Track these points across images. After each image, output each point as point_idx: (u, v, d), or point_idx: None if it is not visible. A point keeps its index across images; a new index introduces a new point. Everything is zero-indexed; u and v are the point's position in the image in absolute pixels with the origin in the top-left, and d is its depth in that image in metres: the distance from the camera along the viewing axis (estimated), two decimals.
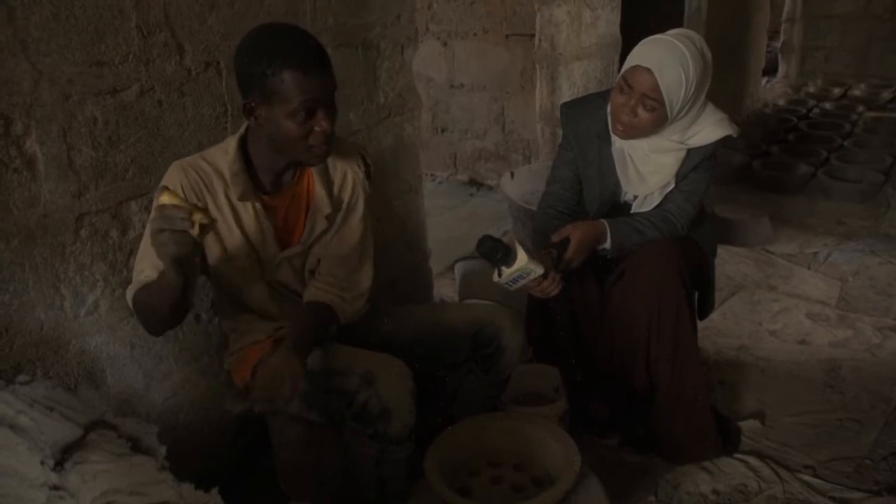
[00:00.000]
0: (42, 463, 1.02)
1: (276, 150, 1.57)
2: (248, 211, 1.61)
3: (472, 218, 4.21)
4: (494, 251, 1.74)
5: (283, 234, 1.68)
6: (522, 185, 3.47)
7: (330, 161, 1.67)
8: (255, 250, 1.64)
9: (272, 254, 1.66)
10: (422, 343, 1.81)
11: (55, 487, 1.01)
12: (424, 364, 1.76)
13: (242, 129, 1.62)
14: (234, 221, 1.60)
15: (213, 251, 1.60)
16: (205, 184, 1.56)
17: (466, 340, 1.83)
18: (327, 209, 1.68)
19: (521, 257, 1.75)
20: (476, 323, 1.82)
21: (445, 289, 3.17)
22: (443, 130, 4.91)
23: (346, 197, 1.73)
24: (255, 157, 1.61)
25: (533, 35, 3.87)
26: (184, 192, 1.52)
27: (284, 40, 1.48)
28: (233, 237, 1.61)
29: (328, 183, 1.69)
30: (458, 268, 3.05)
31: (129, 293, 1.51)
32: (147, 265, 1.48)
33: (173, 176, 1.54)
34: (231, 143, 1.60)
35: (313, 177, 1.67)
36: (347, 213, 1.74)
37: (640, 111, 1.87)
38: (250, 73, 1.47)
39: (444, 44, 4.68)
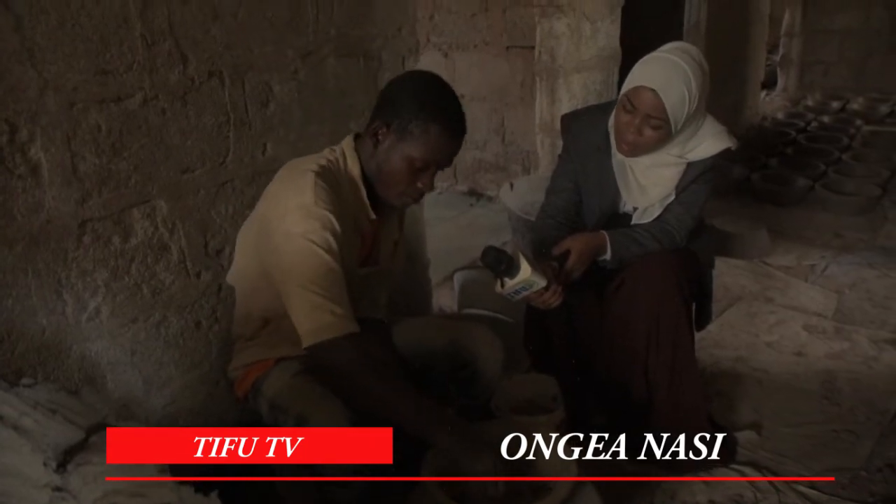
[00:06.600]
0: (45, 464, 1.03)
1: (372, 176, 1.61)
2: (362, 223, 1.63)
3: (472, 228, 4.22)
4: (498, 262, 1.74)
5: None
6: (522, 195, 3.48)
7: None
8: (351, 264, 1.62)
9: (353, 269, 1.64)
10: (403, 361, 1.81)
11: (57, 489, 1.02)
12: (411, 379, 1.76)
13: (352, 142, 1.63)
14: (356, 230, 1.61)
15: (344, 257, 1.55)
16: (337, 192, 1.54)
17: (444, 363, 1.82)
18: (396, 235, 1.75)
19: (525, 269, 1.75)
20: (452, 345, 1.81)
21: (444, 299, 3.18)
22: None
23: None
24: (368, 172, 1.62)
25: (533, 47, 3.89)
26: (329, 202, 1.49)
27: (448, 98, 1.58)
28: (349, 246, 1.59)
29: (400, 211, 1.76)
30: (458, 278, 3.06)
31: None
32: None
33: (319, 186, 1.49)
34: (348, 154, 1.60)
35: None
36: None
37: (646, 130, 1.88)
38: (403, 105, 1.51)
39: (445, 55, 4.71)
